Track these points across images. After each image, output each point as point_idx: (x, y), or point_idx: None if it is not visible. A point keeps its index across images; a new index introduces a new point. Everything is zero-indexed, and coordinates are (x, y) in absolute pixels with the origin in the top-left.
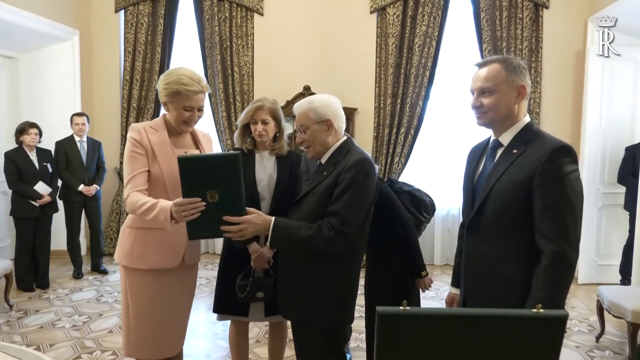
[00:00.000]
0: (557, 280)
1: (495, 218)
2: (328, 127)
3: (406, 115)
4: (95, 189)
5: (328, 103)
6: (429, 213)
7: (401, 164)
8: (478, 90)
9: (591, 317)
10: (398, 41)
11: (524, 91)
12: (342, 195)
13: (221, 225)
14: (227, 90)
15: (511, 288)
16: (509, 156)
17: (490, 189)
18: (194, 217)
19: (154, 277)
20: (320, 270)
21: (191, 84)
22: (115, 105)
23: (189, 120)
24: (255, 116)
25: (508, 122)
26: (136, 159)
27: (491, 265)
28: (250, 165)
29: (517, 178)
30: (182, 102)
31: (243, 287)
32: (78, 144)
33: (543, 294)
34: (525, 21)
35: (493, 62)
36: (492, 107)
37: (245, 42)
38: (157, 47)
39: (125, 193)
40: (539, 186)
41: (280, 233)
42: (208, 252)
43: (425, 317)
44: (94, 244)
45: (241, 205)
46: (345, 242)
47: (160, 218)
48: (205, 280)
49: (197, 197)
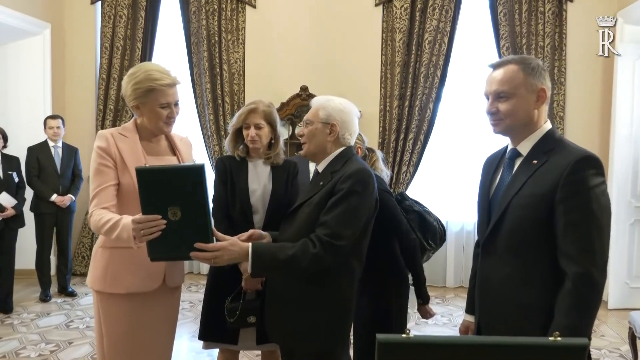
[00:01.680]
0: (582, 306)
1: (512, 236)
2: (331, 132)
3: (415, 120)
4: (69, 199)
5: (344, 109)
6: (435, 242)
7: (409, 173)
8: (493, 95)
9: (622, 346)
10: (406, 37)
11: (544, 95)
12: (336, 205)
13: (186, 246)
14: (215, 90)
15: (531, 315)
16: (528, 167)
17: (508, 203)
18: (154, 236)
19: (131, 302)
20: (312, 290)
21: (163, 77)
22: (90, 106)
23: (169, 117)
24: (248, 120)
25: (527, 129)
26: (102, 172)
27: (508, 289)
28: (242, 175)
29: (537, 192)
30: (158, 100)
31: (233, 310)
32: (52, 149)
33: (567, 321)
34: (547, 15)
35: (509, 63)
36: (509, 114)
37: (235, 37)
38: (138, 42)
39: (89, 211)
40: (562, 201)
41: (260, 260)
42: (192, 273)
43: (430, 345)
44: (61, 262)
45: (206, 225)
46: (335, 255)
47: (123, 236)
48: (189, 304)
49: (157, 213)
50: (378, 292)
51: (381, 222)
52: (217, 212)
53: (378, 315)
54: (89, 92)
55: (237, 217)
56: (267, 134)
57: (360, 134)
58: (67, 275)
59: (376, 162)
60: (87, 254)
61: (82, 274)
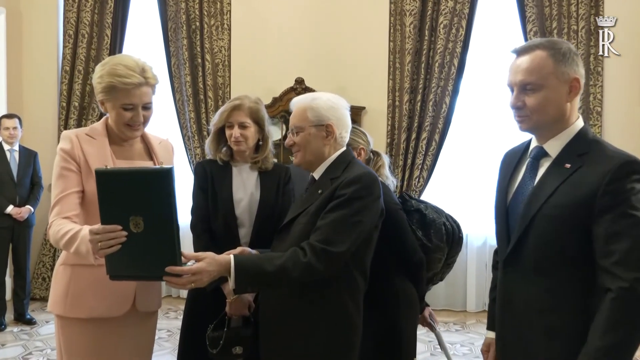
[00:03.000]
0: (623, 326)
1: (541, 253)
2: (327, 134)
3: (429, 116)
4: (28, 211)
5: (334, 105)
6: (441, 240)
7: (423, 179)
8: (519, 86)
9: None
10: (418, 21)
11: (577, 85)
12: (335, 210)
13: (150, 264)
14: (197, 84)
15: (560, 341)
16: (559, 172)
17: (535, 213)
18: (113, 250)
19: (96, 329)
20: (310, 311)
21: (129, 74)
22: (51, 103)
23: (132, 122)
24: (231, 118)
25: (557, 126)
26: (65, 177)
27: (534, 313)
28: (226, 182)
29: (571, 202)
30: (120, 100)
31: (215, 340)
32: (7, 153)
33: (604, 342)
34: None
35: (537, 49)
36: (537, 109)
37: (220, 23)
38: (106, 29)
39: (49, 221)
40: (602, 212)
41: (245, 272)
42: (171, 296)
43: None
44: (18, 284)
45: (172, 240)
46: (330, 264)
47: (82, 250)
48: (167, 333)
49: (117, 223)
50: (384, 310)
51: (386, 238)
52: (196, 226)
53: (384, 335)
54: (51, 87)
55: (220, 231)
56: (254, 134)
57: (364, 133)
58: (25, 300)
59: (381, 167)
60: (48, 274)
61: (42, 299)
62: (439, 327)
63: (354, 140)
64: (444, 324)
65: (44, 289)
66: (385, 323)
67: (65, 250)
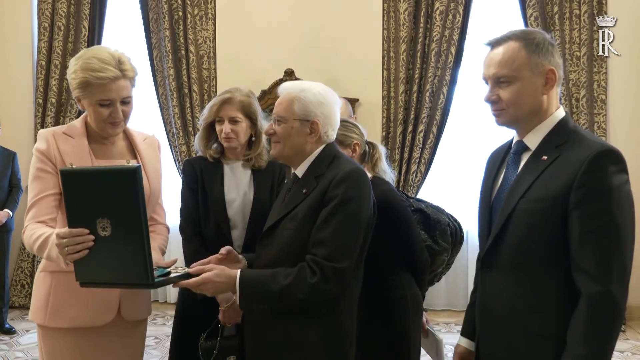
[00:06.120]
0: (600, 331)
1: (519, 250)
2: (311, 131)
3: (426, 108)
4: (6, 215)
5: (324, 101)
6: (447, 241)
7: (420, 173)
8: (493, 79)
9: None
10: (412, 7)
11: (553, 76)
12: (332, 218)
13: (119, 270)
14: (180, 77)
15: (540, 343)
16: (536, 165)
17: (512, 209)
18: (81, 255)
19: (80, 339)
20: (299, 323)
21: (103, 68)
22: (27, 100)
23: (111, 119)
24: (222, 112)
25: (535, 118)
26: (40, 179)
27: (514, 313)
28: (217, 181)
29: (547, 195)
30: (96, 95)
31: (209, 350)
32: None
33: (582, 351)
34: None
35: (510, 40)
36: (513, 102)
37: (204, 12)
38: (84, 20)
39: (24, 224)
40: (577, 206)
41: (251, 291)
42: (158, 301)
43: None
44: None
45: (142, 245)
46: (339, 282)
47: (52, 255)
48: (155, 341)
49: (84, 226)
50: (396, 313)
51: (392, 237)
52: (185, 229)
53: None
54: (26, 83)
55: (211, 234)
56: (246, 130)
57: (357, 125)
58: (4, 308)
59: (379, 160)
60: (27, 281)
61: (22, 306)
62: (434, 328)
63: (346, 135)
64: (445, 325)
65: (23, 296)
66: (396, 327)
67: (39, 255)
